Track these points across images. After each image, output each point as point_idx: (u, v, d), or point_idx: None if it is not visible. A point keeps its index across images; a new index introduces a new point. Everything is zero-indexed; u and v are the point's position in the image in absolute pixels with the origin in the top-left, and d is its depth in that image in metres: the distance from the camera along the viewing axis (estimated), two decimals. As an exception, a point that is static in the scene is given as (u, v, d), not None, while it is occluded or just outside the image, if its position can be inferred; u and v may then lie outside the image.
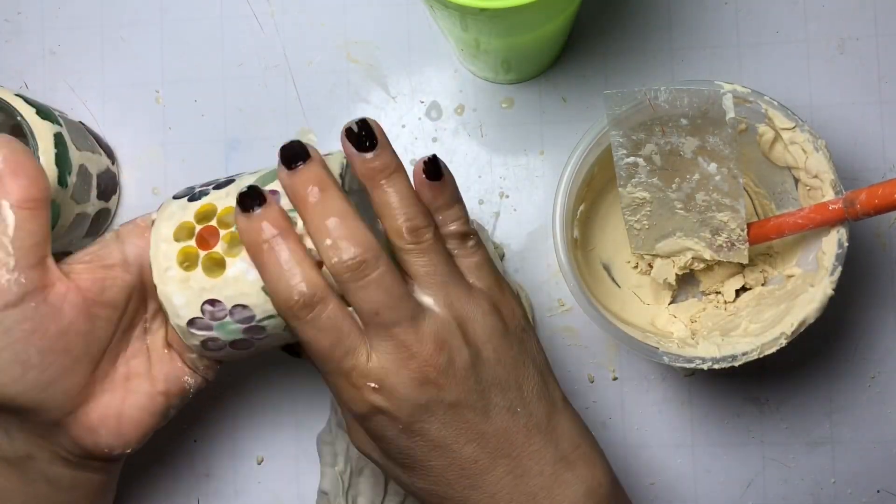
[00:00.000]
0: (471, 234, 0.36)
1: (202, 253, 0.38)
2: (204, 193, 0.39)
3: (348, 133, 0.35)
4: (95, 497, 0.42)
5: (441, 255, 0.35)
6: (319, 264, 0.35)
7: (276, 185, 0.38)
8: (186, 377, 0.40)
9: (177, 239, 0.38)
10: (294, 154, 0.35)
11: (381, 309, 0.34)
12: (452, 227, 0.35)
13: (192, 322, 0.38)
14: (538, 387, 0.35)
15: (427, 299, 0.35)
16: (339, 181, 0.37)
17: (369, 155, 0.35)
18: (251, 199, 0.35)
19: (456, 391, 0.34)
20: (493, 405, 0.35)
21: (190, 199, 0.39)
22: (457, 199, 0.35)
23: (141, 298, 0.40)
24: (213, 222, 0.38)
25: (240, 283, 0.37)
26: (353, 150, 0.35)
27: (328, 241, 0.34)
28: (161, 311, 0.40)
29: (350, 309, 0.35)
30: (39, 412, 0.36)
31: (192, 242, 0.38)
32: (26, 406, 0.36)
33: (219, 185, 0.40)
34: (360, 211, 0.40)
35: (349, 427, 0.38)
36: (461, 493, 0.35)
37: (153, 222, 0.39)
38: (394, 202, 0.35)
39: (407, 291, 0.34)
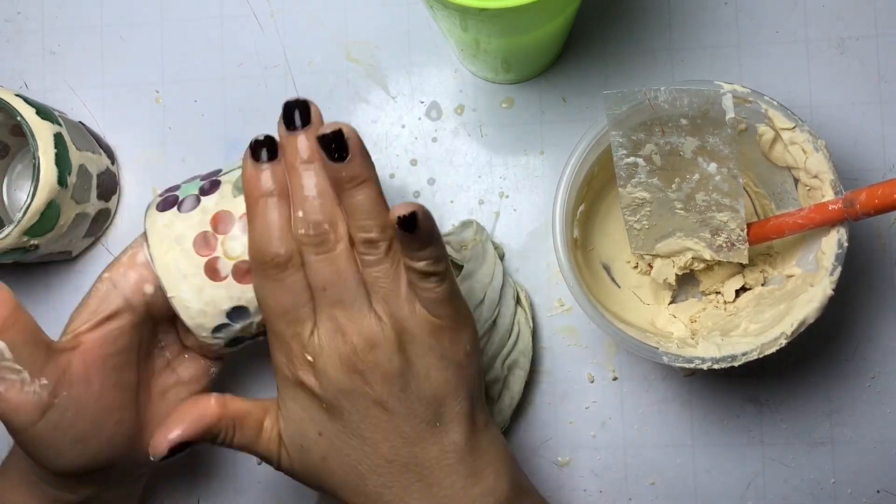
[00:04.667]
0: (436, 273, 0.35)
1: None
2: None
3: (322, 139, 0.36)
4: (139, 493, 0.45)
5: (392, 270, 0.36)
6: None
7: None
8: (211, 368, 0.43)
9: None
10: (292, 116, 0.36)
11: (328, 285, 0.35)
12: (417, 265, 0.35)
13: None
14: (464, 410, 0.36)
15: (374, 303, 0.36)
16: None
17: (339, 165, 0.35)
18: (263, 148, 0.36)
19: (380, 390, 0.35)
20: (414, 415, 0.36)
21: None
22: (429, 243, 0.35)
23: (151, 325, 0.41)
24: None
25: None
26: (325, 157, 0.36)
27: (300, 213, 0.36)
28: (171, 321, 0.40)
29: None
30: (107, 466, 0.38)
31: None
32: (96, 468, 0.38)
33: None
34: None
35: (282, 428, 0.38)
36: (373, 489, 0.36)
37: (147, 244, 0.39)
38: (353, 212, 0.36)
39: (359, 280, 0.36)
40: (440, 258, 0.35)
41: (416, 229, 0.34)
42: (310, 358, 0.36)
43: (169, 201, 0.40)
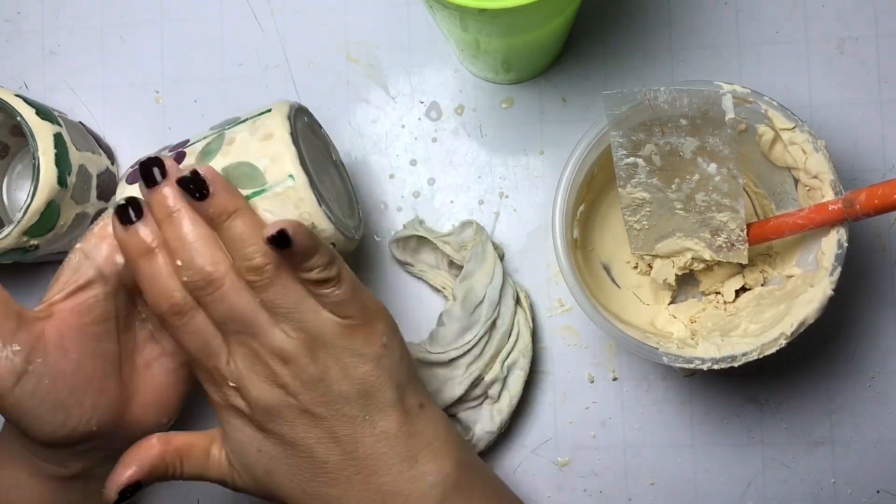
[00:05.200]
0: (329, 279, 0.36)
1: None
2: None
3: (181, 182, 0.37)
4: None
5: (286, 288, 0.36)
6: None
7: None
8: None
9: None
10: (151, 174, 0.37)
11: (228, 320, 0.37)
12: (308, 276, 0.36)
13: None
14: (390, 399, 0.38)
15: (277, 322, 0.37)
16: (290, 126, 0.39)
17: (205, 203, 0.37)
18: (128, 210, 0.38)
19: (304, 399, 0.37)
20: (340, 415, 0.37)
21: None
22: (311, 252, 0.36)
23: (128, 296, 0.41)
24: None
25: None
26: (189, 199, 0.37)
27: (179, 262, 0.37)
28: None
29: None
30: (93, 436, 0.39)
31: None
32: (82, 438, 0.38)
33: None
34: (315, 155, 0.41)
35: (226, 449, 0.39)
36: (317, 490, 0.38)
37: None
38: (232, 244, 0.37)
39: (256, 306, 0.37)
40: (330, 263, 0.36)
41: (290, 244, 0.35)
42: (233, 384, 0.37)
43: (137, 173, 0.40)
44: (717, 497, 0.48)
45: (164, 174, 0.37)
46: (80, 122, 0.50)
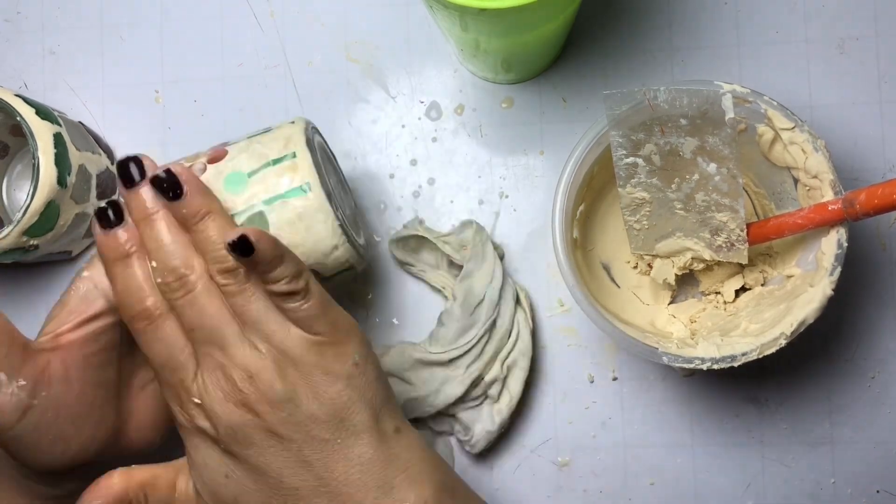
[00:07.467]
0: (296, 291, 0.35)
1: None
2: None
3: (154, 181, 0.36)
4: None
5: (257, 295, 0.35)
6: None
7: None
8: None
9: None
10: (128, 172, 0.37)
11: (196, 326, 0.35)
12: (275, 288, 0.35)
13: None
14: (364, 421, 0.36)
15: (246, 333, 0.36)
16: (307, 143, 0.39)
17: (178, 203, 0.36)
18: (108, 213, 0.37)
19: (270, 419, 0.35)
20: (310, 437, 0.35)
21: None
22: (276, 262, 0.35)
23: None
24: None
25: None
26: (163, 199, 0.36)
27: (153, 263, 0.36)
28: None
29: None
30: (90, 463, 0.38)
31: None
32: (78, 465, 0.38)
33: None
34: (326, 175, 0.41)
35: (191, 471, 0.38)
36: None
37: None
38: (205, 246, 0.36)
39: (227, 314, 0.35)
40: (297, 275, 0.35)
41: (252, 252, 0.34)
42: (197, 400, 0.35)
43: None
44: (717, 497, 0.48)
45: (142, 173, 0.37)
46: (80, 122, 0.50)
